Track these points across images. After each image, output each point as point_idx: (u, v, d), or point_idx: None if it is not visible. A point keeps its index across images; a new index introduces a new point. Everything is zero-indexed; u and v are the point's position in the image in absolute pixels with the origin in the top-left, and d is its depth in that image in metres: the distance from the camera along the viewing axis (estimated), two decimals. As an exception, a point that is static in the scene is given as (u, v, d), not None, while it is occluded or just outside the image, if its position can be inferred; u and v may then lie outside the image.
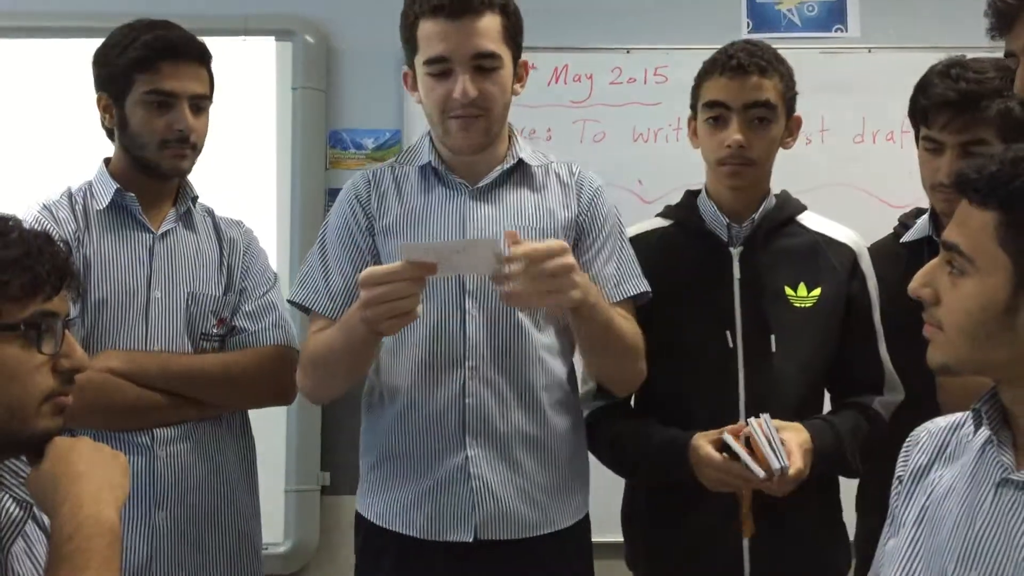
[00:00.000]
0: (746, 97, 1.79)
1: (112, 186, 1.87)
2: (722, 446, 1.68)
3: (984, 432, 1.20)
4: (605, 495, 1.91)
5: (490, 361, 1.71)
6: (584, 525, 1.80)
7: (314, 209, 3.03)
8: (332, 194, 3.06)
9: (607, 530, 1.93)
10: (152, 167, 1.86)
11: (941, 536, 1.19)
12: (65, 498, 1.16)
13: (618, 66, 3.04)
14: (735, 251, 1.84)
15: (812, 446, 1.69)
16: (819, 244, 1.86)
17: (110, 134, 1.90)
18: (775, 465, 1.61)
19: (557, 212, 1.78)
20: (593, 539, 1.83)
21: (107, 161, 1.92)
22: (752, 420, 1.67)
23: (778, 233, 1.87)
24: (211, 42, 2.92)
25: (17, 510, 1.23)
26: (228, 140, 2.93)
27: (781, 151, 1.89)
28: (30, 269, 1.18)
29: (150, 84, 1.82)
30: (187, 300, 1.87)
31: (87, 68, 1.91)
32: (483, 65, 1.67)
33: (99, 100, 1.88)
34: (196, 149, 1.88)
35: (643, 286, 1.79)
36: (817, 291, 1.82)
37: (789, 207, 1.90)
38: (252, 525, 1.94)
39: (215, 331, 1.90)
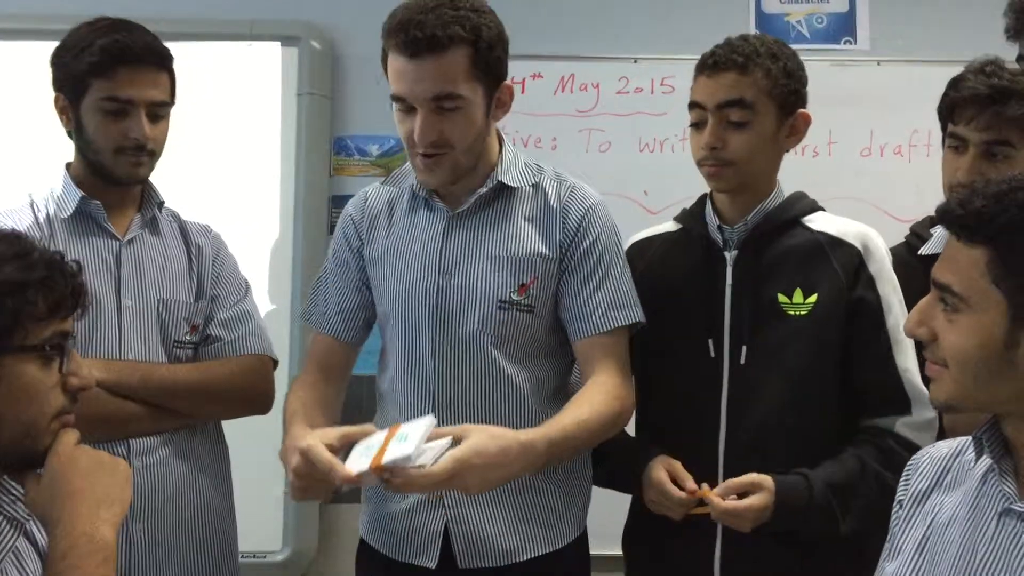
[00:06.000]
0: (719, 96, 1.70)
1: (77, 194, 1.82)
2: None
3: (986, 460, 1.19)
4: (605, 507, 1.88)
5: (460, 394, 1.69)
6: (580, 542, 1.78)
7: (317, 215, 3.02)
8: (336, 200, 3.05)
9: (607, 543, 1.89)
10: (108, 173, 1.82)
11: (943, 566, 1.18)
12: (60, 516, 1.16)
13: (625, 76, 3.02)
14: (729, 255, 1.76)
15: (771, 500, 1.60)
16: (822, 245, 1.73)
17: (70, 135, 1.85)
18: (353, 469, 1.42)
19: (535, 240, 1.70)
20: (593, 552, 1.81)
21: (68, 165, 1.88)
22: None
23: (778, 235, 1.75)
24: (216, 46, 2.95)
25: (7, 528, 1.22)
26: (232, 145, 2.95)
27: (792, 157, 1.81)
28: (54, 290, 1.19)
29: (106, 90, 1.76)
30: (158, 307, 1.84)
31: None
32: (443, 106, 1.60)
33: (56, 101, 1.82)
34: (154, 156, 1.83)
35: (635, 316, 1.70)
36: (813, 297, 1.70)
37: (796, 208, 1.78)
38: (229, 531, 1.92)
39: (188, 338, 1.87)
